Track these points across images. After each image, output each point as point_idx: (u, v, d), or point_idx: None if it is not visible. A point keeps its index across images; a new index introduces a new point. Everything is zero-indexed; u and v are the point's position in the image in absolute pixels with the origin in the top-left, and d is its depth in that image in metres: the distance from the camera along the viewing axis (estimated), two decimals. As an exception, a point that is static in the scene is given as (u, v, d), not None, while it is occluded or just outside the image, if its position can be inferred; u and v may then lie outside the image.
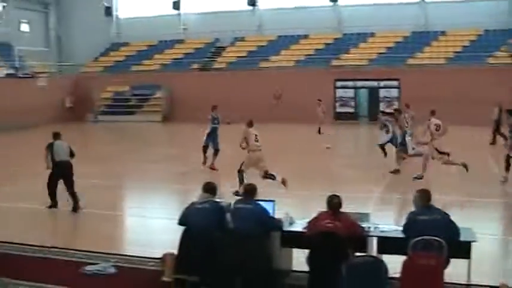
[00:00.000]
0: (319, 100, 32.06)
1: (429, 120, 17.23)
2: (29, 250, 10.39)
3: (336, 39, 42.41)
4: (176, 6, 46.78)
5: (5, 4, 46.46)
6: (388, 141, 19.94)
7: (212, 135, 19.67)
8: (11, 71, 28.48)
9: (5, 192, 16.81)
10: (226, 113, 37.55)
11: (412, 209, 7.98)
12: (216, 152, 19.63)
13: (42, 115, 38.93)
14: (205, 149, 19.66)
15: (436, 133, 16.84)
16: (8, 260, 10.00)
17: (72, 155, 14.34)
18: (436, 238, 7.36)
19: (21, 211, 14.65)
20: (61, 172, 14.12)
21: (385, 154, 19.99)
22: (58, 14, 51.84)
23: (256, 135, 15.61)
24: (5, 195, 16.33)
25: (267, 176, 15.41)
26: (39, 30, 49.19)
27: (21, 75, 28.37)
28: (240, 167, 15.54)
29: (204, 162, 19.52)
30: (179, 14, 47.15)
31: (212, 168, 19.26)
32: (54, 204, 14.12)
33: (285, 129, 31.58)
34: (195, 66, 43.33)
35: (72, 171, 14.19)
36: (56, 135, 14.51)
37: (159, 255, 9.06)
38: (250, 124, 15.89)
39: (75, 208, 13.70)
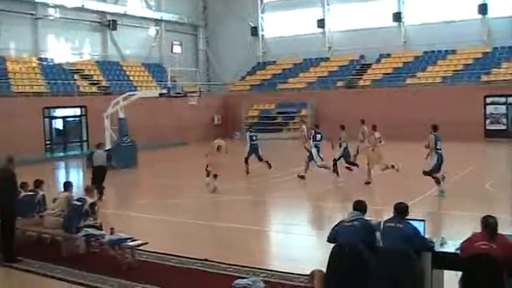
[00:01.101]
0: (304, 121, 29.81)
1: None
2: (184, 262, 10.82)
3: (485, 53, 40.73)
4: (321, 24, 47.16)
5: (157, 28, 49.04)
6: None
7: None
8: (164, 91, 29.79)
9: (160, 205, 17.66)
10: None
11: None
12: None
13: (192, 132, 40.60)
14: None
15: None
16: (162, 270, 10.49)
17: (109, 159, 18.96)
18: None
19: (173, 223, 15.34)
20: (98, 173, 18.34)
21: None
22: (206, 36, 53.99)
23: (219, 145, 19.87)
24: (160, 208, 17.16)
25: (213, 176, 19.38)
26: (189, 52, 51.39)
27: (173, 95, 29.60)
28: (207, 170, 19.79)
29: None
30: (324, 32, 47.47)
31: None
32: (100, 197, 17.48)
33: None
34: (340, 83, 43.34)
35: (105, 174, 18.45)
36: (99, 145, 19.31)
37: (308, 272, 9.12)
38: (216, 137, 20.94)
39: (100, 198, 16.13)
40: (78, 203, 11.56)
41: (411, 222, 8.07)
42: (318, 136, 21.18)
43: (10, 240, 11.38)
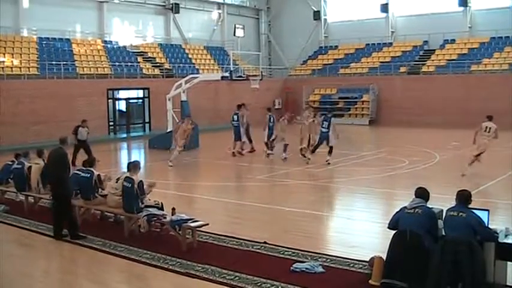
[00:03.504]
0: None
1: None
2: (244, 244, 10.90)
3: (556, 39, 39.37)
4: (384, 9, 46.43)
5: (220, 11, 49.21)
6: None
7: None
8: (226, 74, 29.92)
9: (221, 187, 17.80)
10: (428, 117, 36.88)
11: None
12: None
13: (253, 115, 40.51)
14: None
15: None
16: (222, 251, 10.59)
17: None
18: None
19: (234, 205, 15.46)
20: (81, 146, 21.90)
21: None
22: (269, 20, 53.96)
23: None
24: (221, 190, 17.31)
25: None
26: (251, 35, 51.49)
27: (235, 78, 29.68)
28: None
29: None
30: (387, 17, 46.76)
31: None
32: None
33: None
34: (403, 69, 42.66)
35: (88, 146, 22.02)
36: (83, 121, 22.62)
37: (366, 258, 9.08)
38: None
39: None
40: (128, 184, 11.61)
41: (475, 211, 7.92)
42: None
43: (69, 219, 11.73)
